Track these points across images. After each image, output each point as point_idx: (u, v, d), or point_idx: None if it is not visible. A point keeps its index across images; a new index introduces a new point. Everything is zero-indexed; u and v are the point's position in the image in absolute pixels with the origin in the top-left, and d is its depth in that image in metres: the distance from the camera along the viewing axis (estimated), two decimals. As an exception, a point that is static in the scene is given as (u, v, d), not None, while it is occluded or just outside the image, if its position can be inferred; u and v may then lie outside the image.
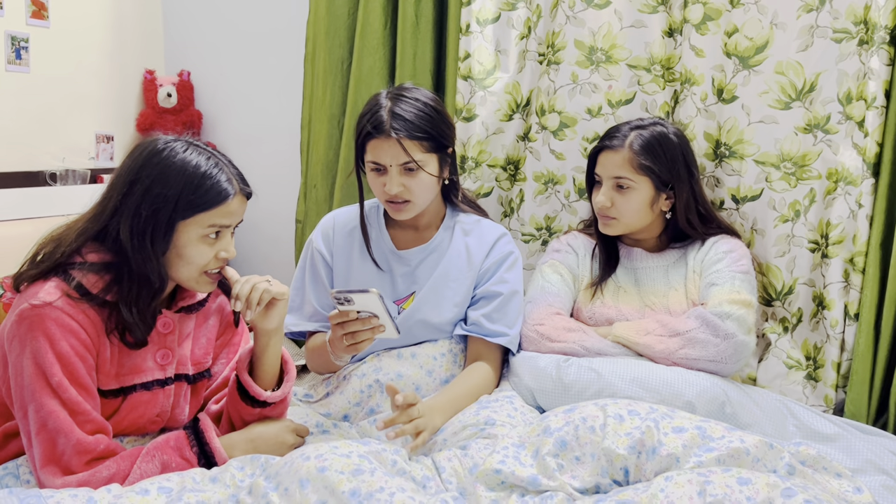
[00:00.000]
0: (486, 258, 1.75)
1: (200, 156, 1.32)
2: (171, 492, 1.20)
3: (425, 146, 1.62)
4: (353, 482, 1.16)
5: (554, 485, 1.26)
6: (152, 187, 1.28)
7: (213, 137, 2.74)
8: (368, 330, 1.46)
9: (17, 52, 2.27)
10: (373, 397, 1.66)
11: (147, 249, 1.28)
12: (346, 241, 1.78)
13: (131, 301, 1.30)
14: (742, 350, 1.60)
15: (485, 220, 1.82)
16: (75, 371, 1.26)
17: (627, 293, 1.79)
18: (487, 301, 1.72)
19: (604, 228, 1.80)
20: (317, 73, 2.33)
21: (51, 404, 1.23)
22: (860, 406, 1.73)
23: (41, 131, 2.36)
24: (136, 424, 1.38)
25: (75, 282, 1.27)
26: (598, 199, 1.77)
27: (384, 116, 1.60)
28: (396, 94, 1.65)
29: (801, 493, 1.12)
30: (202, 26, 2.72)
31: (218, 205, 1.31)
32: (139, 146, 1.34)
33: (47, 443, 1.24)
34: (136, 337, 1.32)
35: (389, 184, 1.62)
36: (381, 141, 1.60)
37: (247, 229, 2.72)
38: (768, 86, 1.85)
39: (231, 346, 1.54)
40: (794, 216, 1.86)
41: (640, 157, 1.73)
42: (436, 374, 1.69)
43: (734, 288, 1.66)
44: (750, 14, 1.85)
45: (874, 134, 1.73)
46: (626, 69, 1.99)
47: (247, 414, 1.43)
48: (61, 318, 1.25)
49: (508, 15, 2.08)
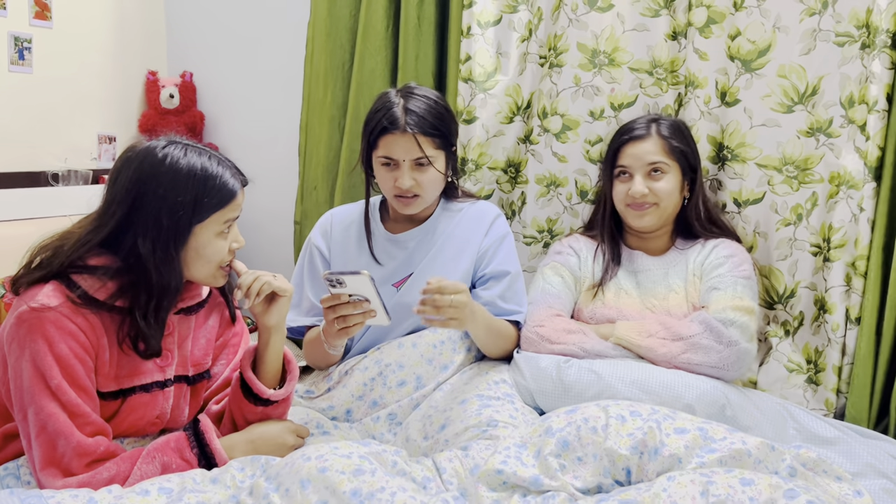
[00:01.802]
0: (486, 236, 1.78)
1: (201, 156, 1.33)
2: (172, 492, 1.20)
3: (436, 143, 1.67)
4: (354, 482, 1.16)
5: (556, 485, 1.26)
6: (167, 196, 1.29)
7: (215, 139, 2.74)
8: (359, 314, 1.48)
9: (21, 52, 2.28)
10: (375, 390, 1.67)
11: (172, 259, 1.30)
12: (344, 237, 1.81)
13: (149, 311, 1.31)
14: (744, 358, 1.60)
15: (479, 201, 1.86)
16: (74, 373, 1.26)
17: (628, 295, 1.79)
18: (497, 280, 1.75)
19: (638, 220, 1.80)
20: (317, 75, 2.33)
21: (50, 407, 1.23)
22: (861, 410, 1.73)
23: (43, 131, 2.36)
24: (135, 426, 1.38)
25: (79, 289, 1.27)
26: (634, 189, 1.77)
27: (398, 112, 1.65)
28: (407, 92, 1.70)
29: (804, 495, 1.12)
30: (205, 28, 2.72)
31: (230, 201, 1.34)
32: (132, 157, 1.33)
33: (47, 445, 1.24)
34: (151, 346, 1.33)
35: (401, 178, 1.66)
36: (396, 136, 1.65)
37: (249, 230, 2.73)
38: (771, 89, 1.85)
39: (230, 347, 1.55)
40: (797, 220, 1.86)
41: (672, 141, 1.79)
42: (436, 361, 1.70)
43: (737, 294, 1.66)
44: (753, 17, 1.85)
45: (876, 138, 1.73)
46: (629, 72, 1.99)
47: (249, 413, 1.43)
48: (60, 320, 1.25)
49: (510, 17, 2.09)
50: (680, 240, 1.85)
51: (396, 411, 1.65)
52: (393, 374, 1.67)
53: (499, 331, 1.72)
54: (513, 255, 1.81)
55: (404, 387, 1.67)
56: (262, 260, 2.69)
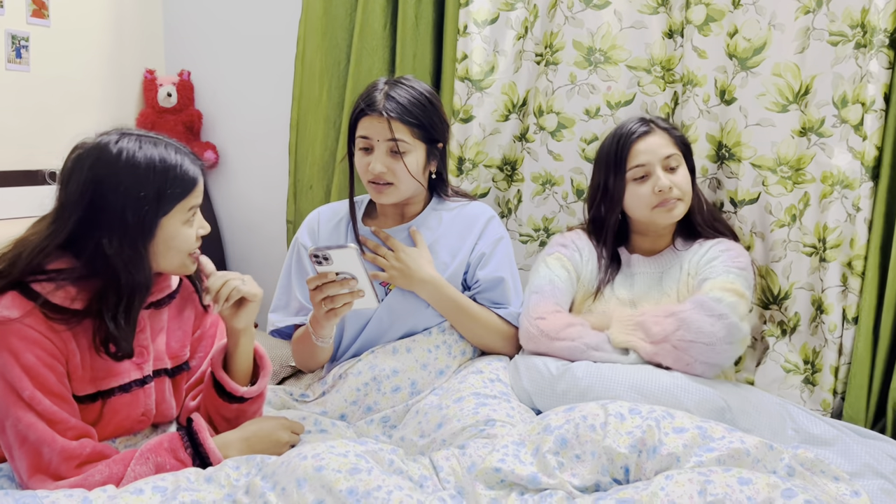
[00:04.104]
0: (480, 239, 1.78)
1: (157, 147, 1.29)
2: (166, 491, 1.20)
3: (414, 132, 1.67)
4: (351, 481, 1.16)
5: (554, 483, 1.26)
6: (129, 193, 1.25)
7: (213, 137, 2.74)
8: (347, 294, 1.47)
9: (18, 50, 2.27)
10: (369, 395, 1.66)
11: (141, 256, 1.27)
12: (332, 234, 1.80)
13: (119, 312, 1.27)
14: (734, 333, 1.57)
15: (472, 202, 1.85)
16: (46, 381, 1.23)
17: (620, 301, 1.77)
18: (492, 287, 1.76)
19: (667, 216, 1.76)
20: (311, 74, 2.32)
21: (27, 417, 1.22)
22: (858, 410, 1.73)
23: (41, 130, 2.35)
24: (122, 427, 1.37)
25: (41, 297, 1.24)
26: (661, 183, 1.73)
27: (378, 96, 1.67)
28: (395, 81, 1.72)
29: (802, 494, 1.12)
30: (202, 26, 2.72)
31: (193, 189, 1.32)
32: (84, 156, 1.28)
33: (32, 454, 1.23)
34: (123, 348, 1.30)
35: (374, 162, 1.67)
36: (372, 118, 1.66)
37: (249, 229, 2.73)
38: (766, 88, 1.85)
39: (206, 339, 1.53)
40: (791, 220, 1.86)
41: (674, 132, 1.81)
42: (430, 366, 1.69)
43: (728, 279, 1.65)
44: (748, 15, 1.84)
45: (872, 137, 1.73)
46: (626, 70, 1.99)
47: (225, 410, 1.44)
48: (23, 330, 1.22)
49: (507, 15, 2.08)
50: (680, 240, 1.84)
51: (391, 415, 1.64)
52: (387, 379, 1.66)
53: (475, 316, 1.73)
54: (508, 259, 1.80)
55: (399, 392, 1.66)
56: (256, 258, 2.70)
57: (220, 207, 2.76)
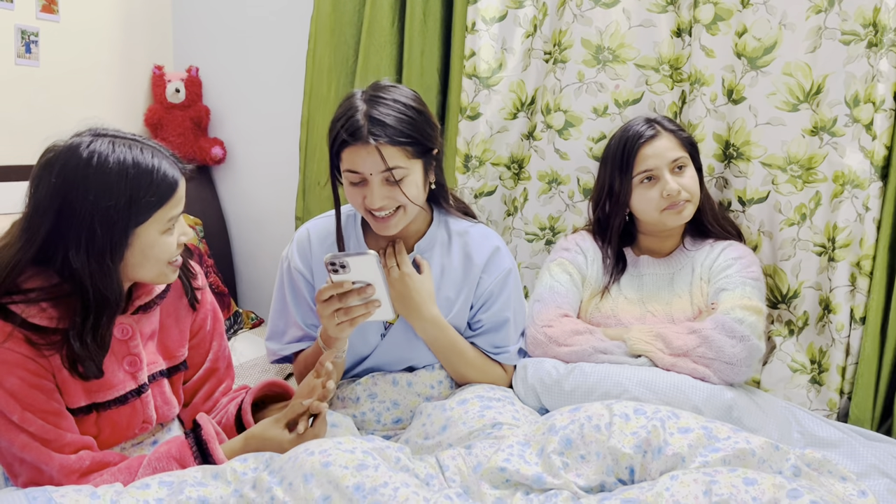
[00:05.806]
0: (484, 273, 1.65)
1: (132, 149, 1.19)
2: (173, 485, 1.21)
3: (409, 152, 1.48)
4: (357, 477, 1.16)
5: (559, 483, 1.26)
6: (98, 202, 1.16)
7: (220, 133, 2.74)
8: (363, 305, 1.36)
9: (27, 45, 2.28)
10: (368, 424, 1.63)
11: (108, 268, 1.18)
12: (327, 253, 1.61)
13: (86, 331, 1.19)
14: (755, 354, 1.60)
15: (476, 227, 1.70)
16: (34, 401, 1.19)
17: (628, 300, 1.77)
18: (495, 329, 1.67)
19: (676, 218, 1.76)
20: (320, 71, 2.32)
21: (21, 439, 1.19)
22: (864, 410, 1.72)
23: (50, 125, 2.34)
24: (124, 436, 1.33)
25: (18, 318, 1.18)
26: (670, 187, 1.72)
27: (361, 121, 1.45)
28: (373, 96, 1.49)
29: (808, 494, 1.12)
30: (211, 22, 2.72)
31: (170, 196, 1.22)
32: (53, 159, 1.19)
33: (32, 471, 1.21)
34: (89, 370, 1.22)
35: (370, 197, 1.48)
36: (358, 148, 1.46)
37: (256, 225, 2.73)
38: (776, 87, 1.84)
39: (203, 333, 1.48)
40: (801, 219, 1.85)
41: (680, 133, 1.80)
42: (434, 400, 1.64)
43: (745, 293, 1.66)
44: (759, 14, 1.84)
45: (882, 137, 1.72)
46: (634, 69, 1.98)
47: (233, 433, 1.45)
48: (3, 354, 1.17)
49: (515, 13, 2.08)
50: (689, 239, 1.84)
51: (392, 436, 1.62)
52: (388, 411, 1.63)
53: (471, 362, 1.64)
54: (516, 294, 1.69)
55: (400, 423, 1.63)
56: (262, 255, 2.71)
57: (228, 203, 2.77)
